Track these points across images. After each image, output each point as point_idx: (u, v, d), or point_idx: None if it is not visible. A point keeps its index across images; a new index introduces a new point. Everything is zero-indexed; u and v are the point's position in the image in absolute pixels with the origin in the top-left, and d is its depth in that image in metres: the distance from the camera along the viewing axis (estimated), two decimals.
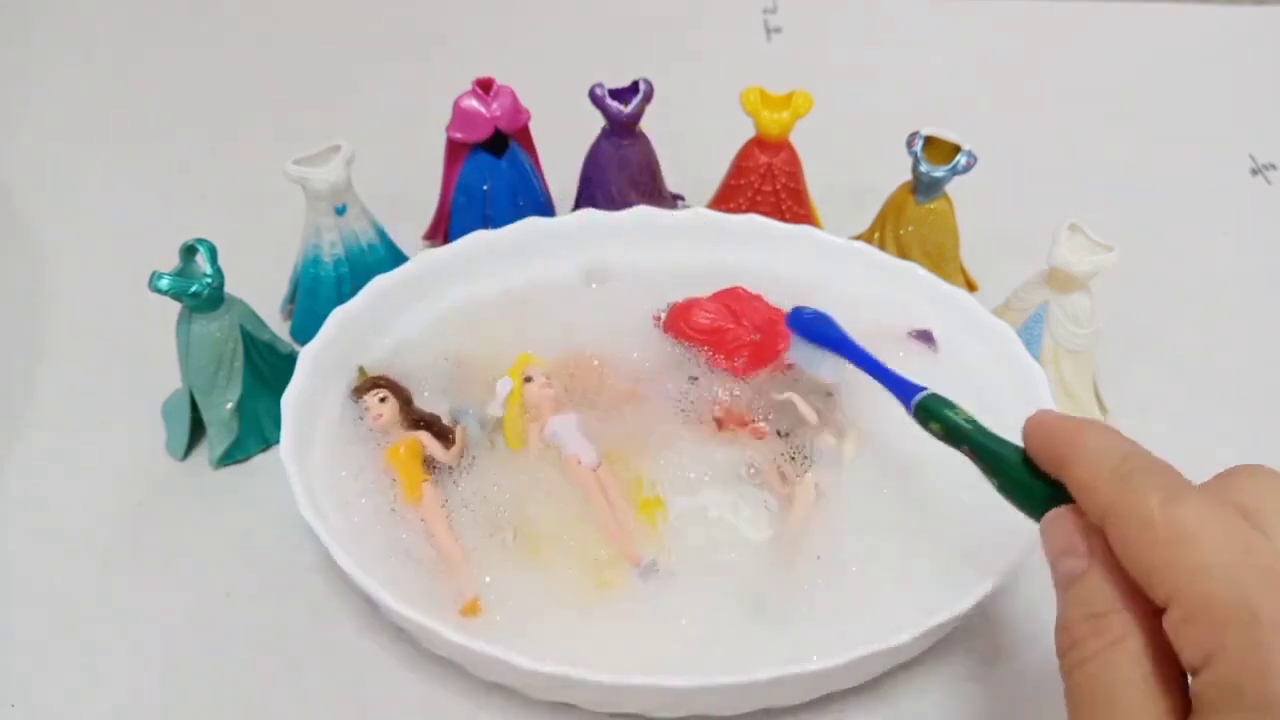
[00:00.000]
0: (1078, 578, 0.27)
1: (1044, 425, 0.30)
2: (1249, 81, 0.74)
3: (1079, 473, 0.28)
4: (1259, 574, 0.24)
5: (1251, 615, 0.23)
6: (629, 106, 0.51)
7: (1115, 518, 0.26)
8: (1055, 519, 0.29)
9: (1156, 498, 0.26)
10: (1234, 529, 0.25)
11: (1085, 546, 0.27)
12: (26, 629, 0.40)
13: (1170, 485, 0.26)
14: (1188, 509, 0.25)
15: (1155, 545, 0.25)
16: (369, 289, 0.46)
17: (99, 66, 0.72)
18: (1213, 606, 0.24)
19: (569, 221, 0.50)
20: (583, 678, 0.33)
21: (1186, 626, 0.24)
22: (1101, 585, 0.26)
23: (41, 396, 0.49)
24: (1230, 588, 0.24)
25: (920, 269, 0.48)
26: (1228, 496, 0.27)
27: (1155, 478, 0.27)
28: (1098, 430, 0.29)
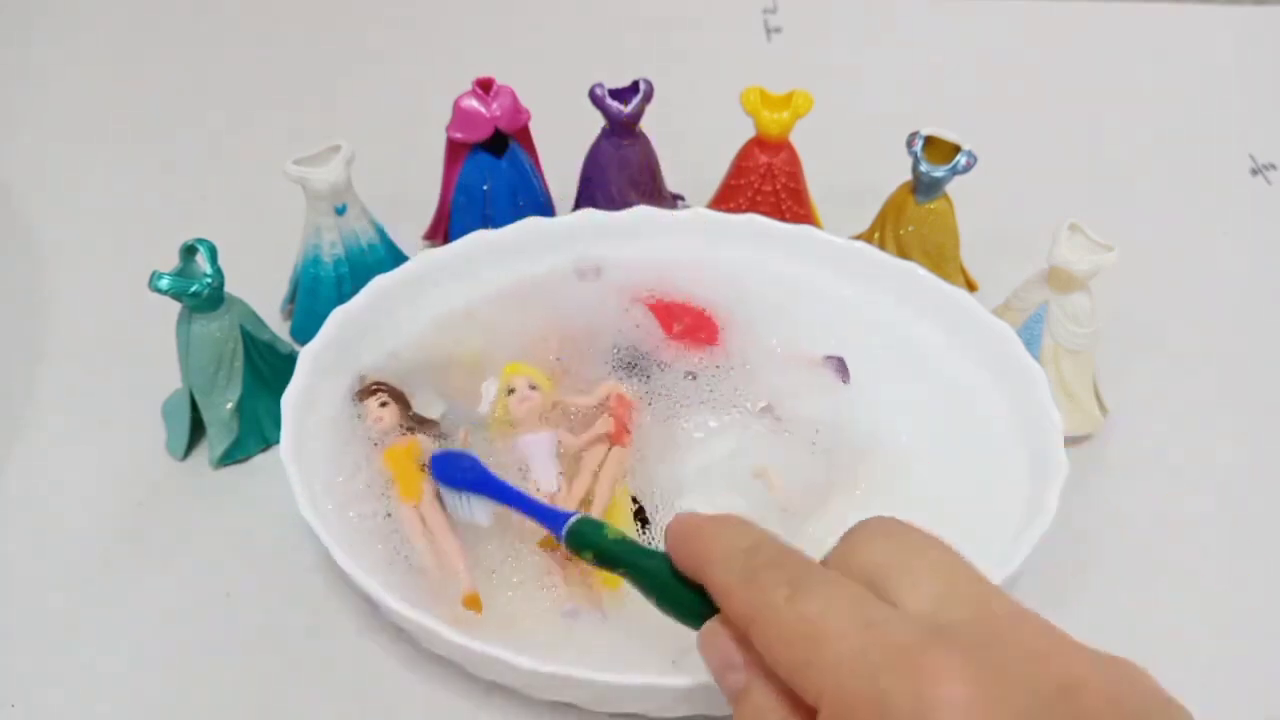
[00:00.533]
0: (742, 691, 0.27)
1: (681, 528, 0.30)
2: (1249, 81, 0.74)
3: (715, 577, 0.28)
4: (885, 656, 0.23)
5: (885, 708, 0.23)
6: (629, 106, 0.51)
7: (750, 623, 0.26)
8: (708, 634, 0.28)
9: (782, 594, 0.25)
10: (856, 609, 0.25)
11: (741, 658, 0.27)
12: (26, 629, 0.40)
13: (795, 578, 0.26)
14: (812, 601, 0.25)
15: (791, 646, 0.25)
16: (369, 289, 0.46)
17: (99, 66, 0.72)
18: (851, 702, 0.23)
19: (569, 221, 0.50)
20: (583, 677, 0.33)
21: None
22: (765, 698, 0.26)
23: (41, 396, 0.49)
24: (862, 680, 0.23)
25: (920, 269, 0.48)
26: (855, 560, 0.27)
27: (780, 571, 0.26)
28: (729, 526, 0.29)
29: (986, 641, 0.24)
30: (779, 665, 0.25)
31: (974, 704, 0.22)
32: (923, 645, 0.23)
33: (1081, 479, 0.43)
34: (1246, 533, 0.45)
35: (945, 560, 0.27)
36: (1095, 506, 0.45)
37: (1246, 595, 0.43)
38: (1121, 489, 0.46)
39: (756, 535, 0.28)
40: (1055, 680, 0.23)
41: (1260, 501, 0.46)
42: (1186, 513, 0.45)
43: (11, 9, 0.77)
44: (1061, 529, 0.38)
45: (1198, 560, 0.44)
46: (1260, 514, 0.46)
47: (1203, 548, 0.44)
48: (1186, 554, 0.44)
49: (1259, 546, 0.44)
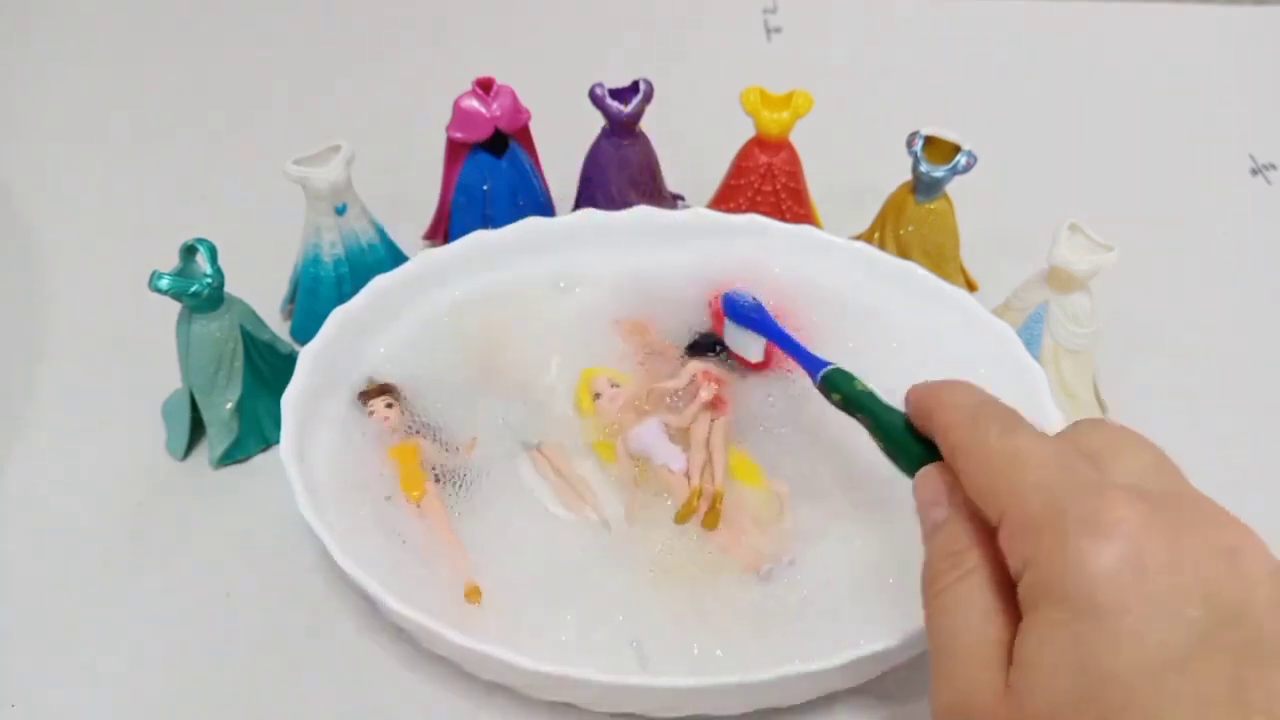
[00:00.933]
0: (941, 524, 0.29)
1: (920, 388, 0.33)
2: (1249, 81, 0.74)
3: (940, 419, 0.31)
4: (1073, 485, 0.26)
5: (1059, 518, 0.25)
6: (629, 106, 0.51)
7: (961, 452, 0.29)
8: (925, 475, 0.31)
9: (995, 430, 0.28)
10: (1058, 453, 0.27)
11: (948, 498, 0.29)
12: (26, 629, 0.40)
13: (1009, 421, 0.29)
14: (1020, 438, 0.28)
15: (990, 470, 0.27)
16: (369, 289, 0.46)
17: (99, 66, 0.72)
18: (1032, 517, 0.26)
19: (569, 221, 0.50)
20: (583, 678, 0.33)
21: (1011, 539, 0.26)
22: (959, 527, 0.28)
23: (41, 396, 0.49)
24: (1045, 498, 0.26)
25: (920, 269, 0.48)
26: (1072, 439, 0.29)
27: (998, 417, 0.29)
28: (961, 386, 0.32)
29: (1171, 502, 0.25)
30: (974, 488, 0.28)
31: (1142, 527, 0.24)
32: (1111, 486, 0.25)
33: None
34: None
35: (1155, 453, 0.28)
36: None
37: None
38: None
39: (985, 394, 0.31)
40: (1226, 543, 0.25)
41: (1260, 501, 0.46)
42: None
43: (11, 9, 0.77)
44: None
45: None
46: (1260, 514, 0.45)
47: None
48: None
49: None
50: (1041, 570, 0.25)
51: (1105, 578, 0.23)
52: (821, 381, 0.39)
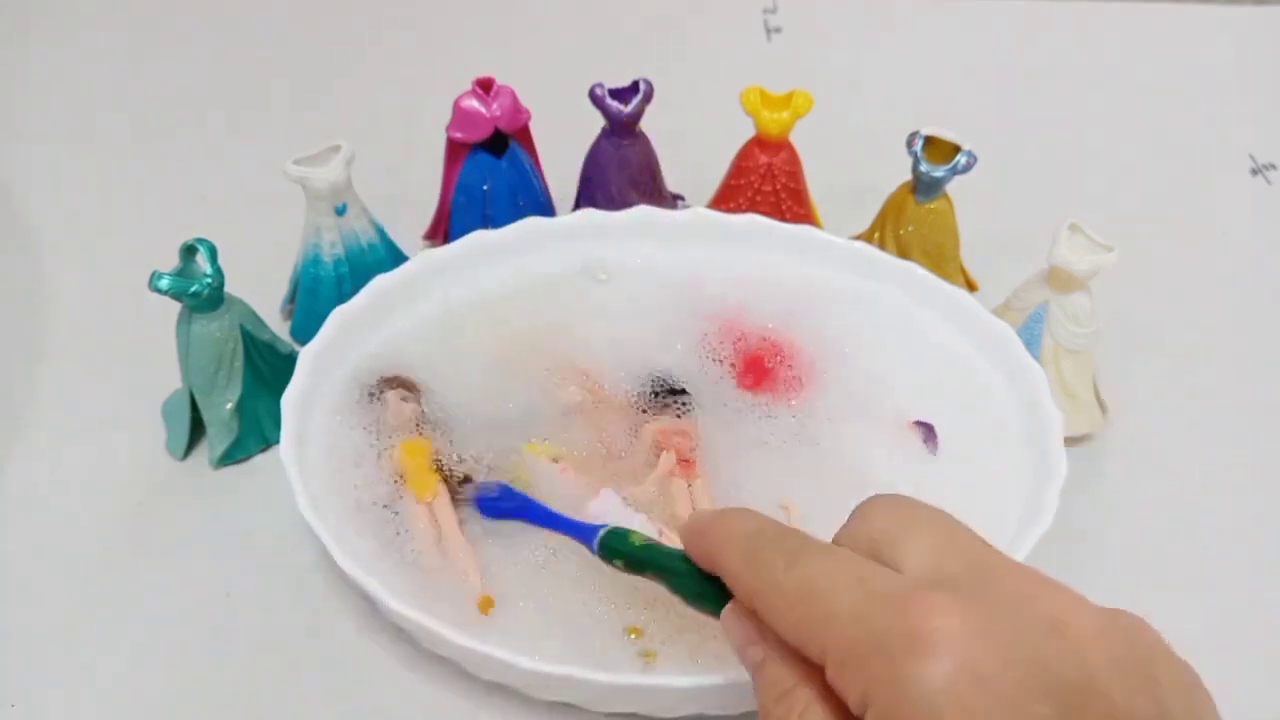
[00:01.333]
0: (760, 664, 0.28)
1: (693, 523, 0.31)
2: (1249, 81, 0.74)
3: (724, 563, 0.29)
4: (877, 603, 0.24)
5: (880, 646, 0.24)
6: (629, 106, 0.51)
7: (756, 598, 0.28)
8: (728, 615, 0.30)
9: (781, 564, 0.27)
10: (849, 568, 0.26)
11: (760, 635, 0.28)
12: (26, 629, 0.40)
13: (792, 549, 0.27)
14: (808, 566, 0.26)
15: (791, 610, 0.26)
16: (369, 289, 0.46)
17: (99, 66, 0.72)
18: (851, 651, 0.24)
19: (569, 221, 0.50)
20: (583, 678, 0.33)
21: (841, 677, 0.25)
22: (780, 668, 0.27)
23: (41, 396, 0.49)
24: (858, 626, 0.24)
25: (920, 269, 0.48)
26: (859, 532, 0.28)
27: (780, 546, 0.28)
28: (736, 516, 0.30)
29: (978, 585, 0.25)
30: (784, 631, 0.27)
31: (964, 633, 0.23)
32: (915, 590, 0.25)
33: (1081, 479, 0.43)
34: (1247, 532, 0.45)
35: (942, 523, 0.28)
36: (1095, 506, 0.45)
37: (1247, 595, 0.43)
38: (1121, 489, 0.46)
39: (760, 520, 0.30)
40: (1047, 616, 0.24)
41: (1260, 501, 0.46)
42: (1186, 513, 0.45)
43: (11, 9, 0.77)
44: (1061, 529, 0.38)
45: (1198, 560, 0.44)
46: (1260, 514, 0.46)
47: (1203, 547, 0.44)
48: (1186, 554, 0.44)
49: (1259, 546, 0.44)
50: (883, 704, 0.23)
51: (945, 697, 0.22)
52: (599, 551, 0.35)
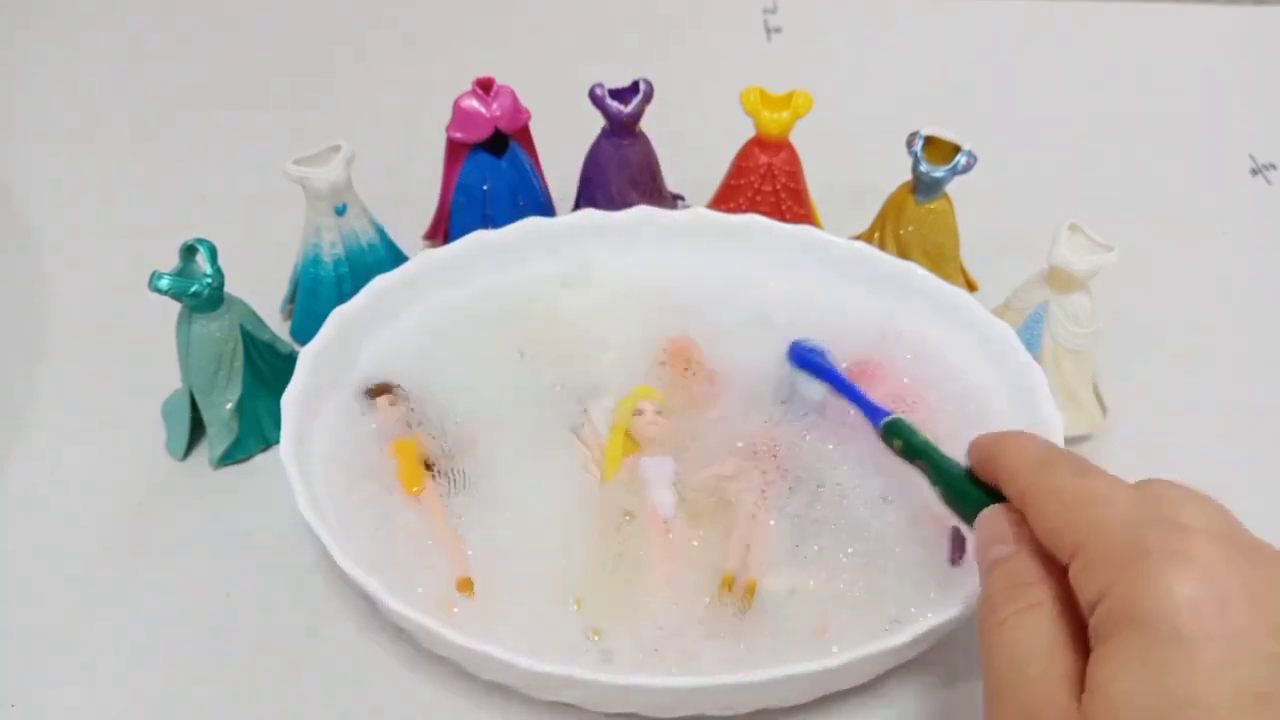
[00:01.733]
0: (1004, 559, 0.30)
1: (987, 436, 0.34)
2: (1249, 81, 0.74)
3: (1008, 463, 0.31)
4: (1154, 521, 0.26)
5: (1142, 549, 0.25)
6: (629, 106, 0.51)
7: (1033, 494, 0.29)
8: (988, 514, 0.32)
9: (1068, 471, 0.29)
10: (1135, 494, 0.28)
11: (1013, 535, 0.30)
12: (26, 629, 0.40)
13: (1082, 464, 0.30)
14: (1095, 479, 0.28)
15: (1064, 509, 0.28)
16: (369, 289, 0.46)
17: (99, 66, 0.72)
18: (1109, 550, 0.26)
19: (569, 221, 0.50)
20: (583, 677, 0.33)
21: (1086, 571, 0.26)
22: (1025, 562, 0.29)
23: (41, 396, 0.49)
24: (1125, 532, 0.26)
25: (920, 269, 0.48)
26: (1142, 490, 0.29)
27: (1070, 460, 0.30)
28: (1026, 436, 0.33)
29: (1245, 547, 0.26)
30: (1047, 528, 0.28)
31: (1221, 563, 0.24)
32: (1190, 527, 0.26)
33: None
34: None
35: (1217, 506, 0.29)
36: None
37: None
38: None
39: (1051, 443, 0.32)
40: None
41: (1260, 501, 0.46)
42: None
43: (11, 9, 0.77)
44: None
45: None
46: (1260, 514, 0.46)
47: None
48: None
49: None
50: (1120, 598, 0.25)
51: (1188, 607, 0.24)
52: (883, 430, 0.39)
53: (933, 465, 0.36)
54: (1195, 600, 0.24)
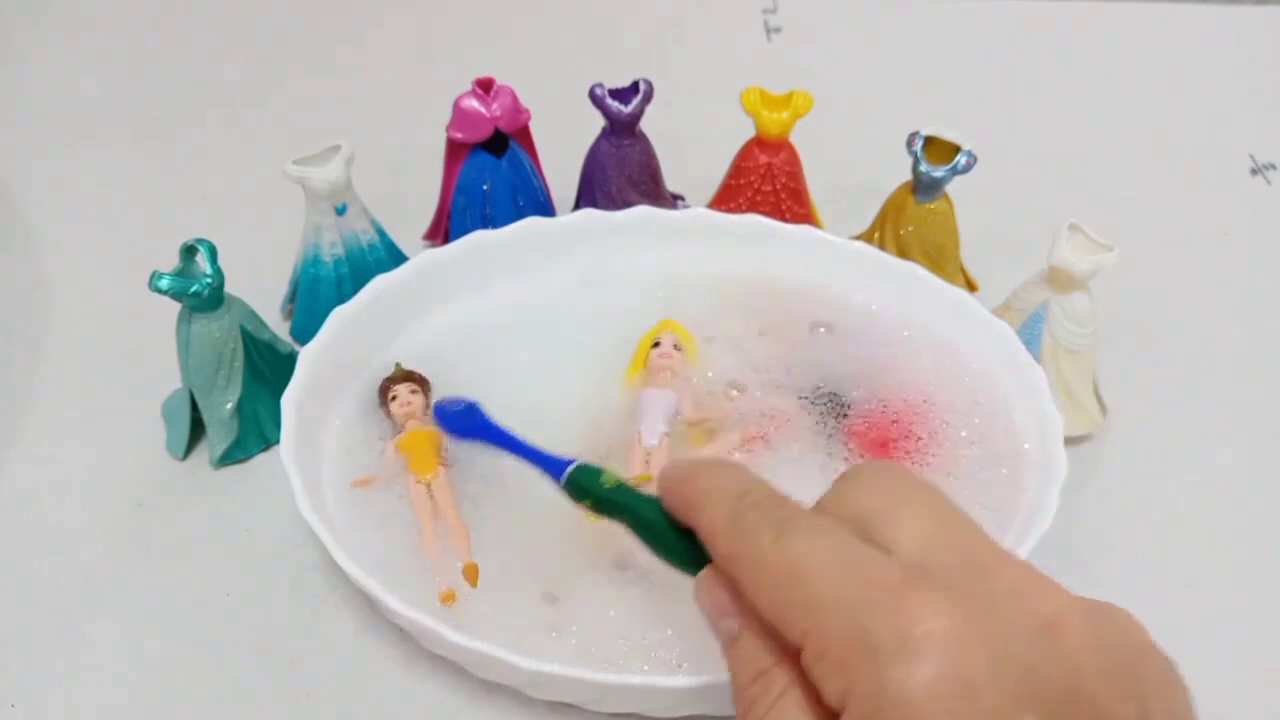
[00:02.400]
0: (735, 638, 0.27)
1: (674, 471, 0.30)
2: (1249, 81, 0.74)
3: (703, 521, 0.28)
4: (867, 593, 0.23)
5: (868, 644, 0.22)
6: (629, 106, 0.51)
7: (736, 565, 0.26)
8: (704, 581, 0.28)
9: (768, 536, 0.25)
10: (841, 549, 0.24)
11: (734, 605, 0.27)
12: (26, 629, 0.40)
13: (781, 520, 0.26)
14: (797, 542, 0.25)
15: (775, 587, 0.25)
16: (369, 289, 0.46)
17: (99, 66, 0.72)
18: (834, 640, 0.23)
19: (569, 221, 0.50)
20: (583, 678, 0.33)
21: (818, 665, 0.24)
22: (756, 643, 0.26)
23: (42, 396, 0.49)
24: (843, 616, 0.23)
25: (920, 269, 0.48)
26: (846, 503, 0.27)
27: (767, 514, 0.26)
28: (722, 470, 0.29)
29: (970, 580, 0.24)
30: (763, 606, 0.25)
31: (955, 638, 0.22)
32: (905, 583, 0.23)
33: (1081, 479, 0.43)
34: (1246, 532, 0.45)
35: (936, 505, 0.26)
36: (1095, 506, 0.45)
37: (1247, 595, 0.43)
38: (1121, 489, 0.46)
39: (747, 479, 0.28)
40: (1038, 617, 0.23)
41: (1260, 501, 0.46)
42: (1186, 513, 0.45)
43: (11, 9, 0.77)
44: (1061, 529, 0.38)
45: (1198, 560, 0.44)
46: (1260, 514, 0.46)
47: (1203, 548, 0.44)
48: (1186, 554, 0.44)
49: (1259, 546, 0.44)
50: (864, 703, 0.22)
51: (930, 706, 0.21)
52: (566, 486, 0.34)
53: (632, 520, 0.31)
54: (937, 696, 0.21)
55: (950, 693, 0.22)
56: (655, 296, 0.49)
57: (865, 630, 0.23)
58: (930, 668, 0.22)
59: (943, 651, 0.22)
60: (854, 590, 0.24)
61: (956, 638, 0.22)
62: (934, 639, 0.22)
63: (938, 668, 0.22)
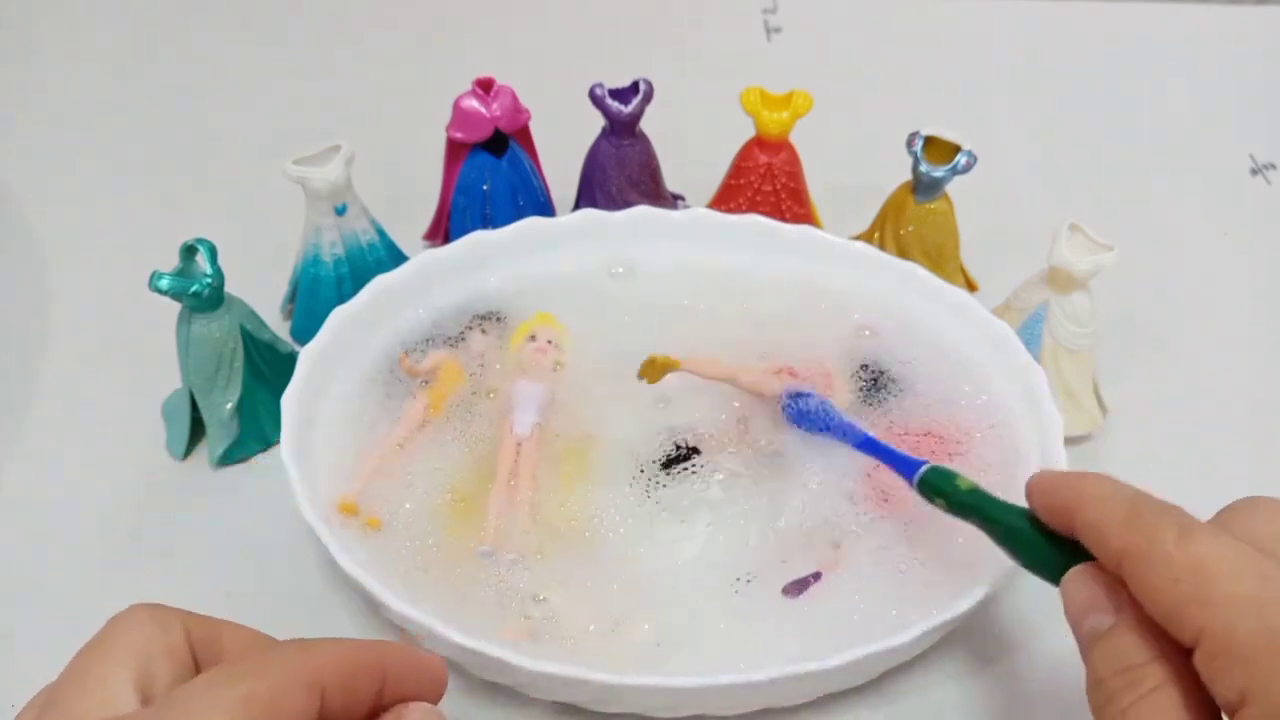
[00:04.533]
0: (1104, 633, 0.27)
1: (1047, 480, 0.30)
2: (1249, 81, 0.74)
3: (1089, 517, 0.28)
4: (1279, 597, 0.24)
5: (1276, 645, 0.23)
6: (629, 106, 0.51)
7: (1132, 560, 0.26)
8: (1076, 577, 0.29)
9: (1171, 534, 0.26)
10: (1251, 560, 0.25)
11: (1110, 601, 0.27)
12: (26, 629, 0.40)
13: (1183, 522, 0.26)
14: (1203, 544, 0.25)
15: (1176, 583, 0.25)
16: (369, 289, 0.46)
17: (99, 65, 0.72)
18: (1240, 641, 0.24)
19: (569, 221, 0.50)
20: (583, 677, 0.33)
21: (1217, 663, 0.24)
22: (1131, 637, 0.26)
23: (42, 396, 0.49)
24: (1256, 619, 0.24)
25: (920, 269, 0.48)
26: (1240, 528, 0.27)
27: (1167, 516, 0.27)
28: (1100, 479, 0.29)
29: None
30: (1156, 601, 0.26)
31: None
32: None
33: None
34: None
35: None
36: None
37: None
38: None
39: (1130, 486, 0.29)
40: None
41: None
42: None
43: (11, 8, 0.77)
44: None
45: None
46: None
47: None
48: None
49: None
50: (1266, 704, 0.23)
51: None
52: (919, 484, 0.35)
53: (993, 525, 0.32)
54: None
55: None
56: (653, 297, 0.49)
57: (1276, 630, 0.23)
58: None
59: None
60: (1264, 593, 0.24)
61: None
62: None
63: None
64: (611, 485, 0.42)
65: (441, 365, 0.45)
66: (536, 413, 0.43)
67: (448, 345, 0.46)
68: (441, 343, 0.46)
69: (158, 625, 0.27)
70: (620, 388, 0.44)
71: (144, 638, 0.27)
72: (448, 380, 0.45)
